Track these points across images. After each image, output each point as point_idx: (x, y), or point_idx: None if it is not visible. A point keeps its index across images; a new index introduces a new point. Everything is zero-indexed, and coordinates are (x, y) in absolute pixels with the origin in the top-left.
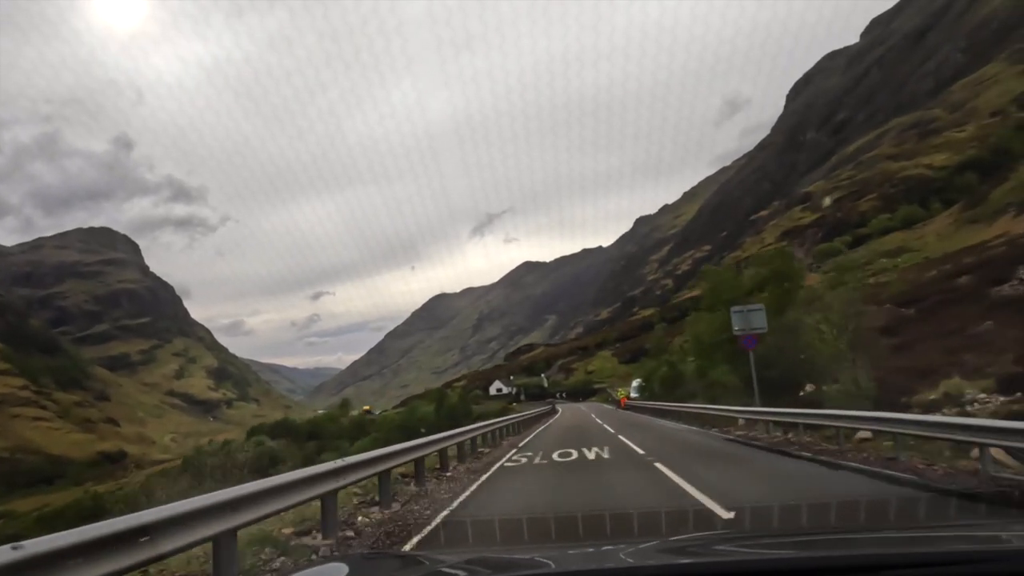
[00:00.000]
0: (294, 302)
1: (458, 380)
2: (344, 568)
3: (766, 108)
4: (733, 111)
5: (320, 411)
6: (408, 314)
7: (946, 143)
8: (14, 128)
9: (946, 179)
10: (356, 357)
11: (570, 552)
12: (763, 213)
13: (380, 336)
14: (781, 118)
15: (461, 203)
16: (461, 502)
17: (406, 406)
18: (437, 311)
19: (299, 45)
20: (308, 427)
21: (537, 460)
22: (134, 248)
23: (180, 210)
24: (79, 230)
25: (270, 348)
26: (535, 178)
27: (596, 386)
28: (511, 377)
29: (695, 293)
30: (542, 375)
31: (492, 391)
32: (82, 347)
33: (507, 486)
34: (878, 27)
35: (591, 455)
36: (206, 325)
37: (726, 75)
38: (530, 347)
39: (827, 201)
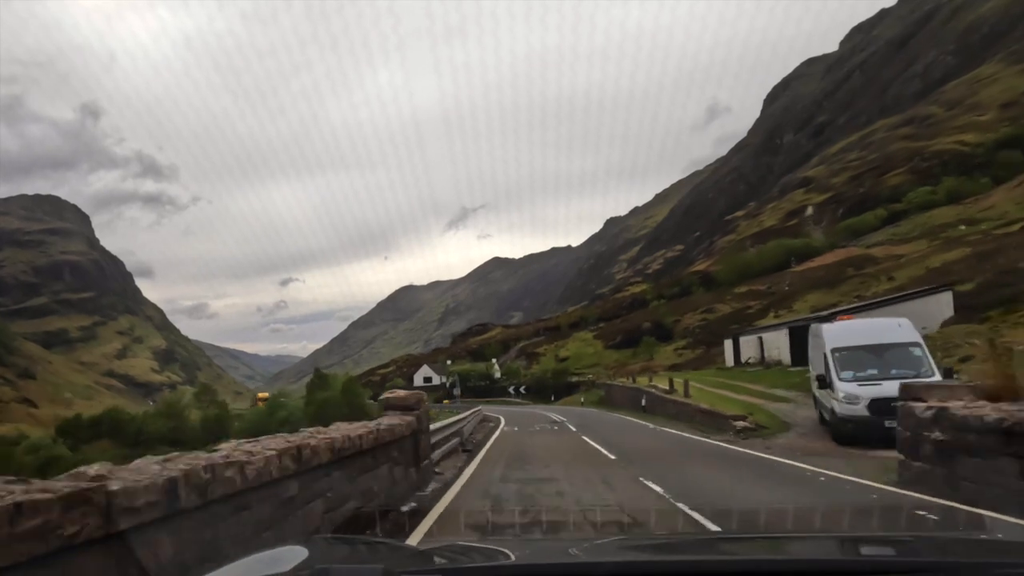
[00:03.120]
0: (262, 287)
1: (386, 366)
2: (304, 551)
3: (742, 116)
4: (710, 118)
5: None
6: (374, 304)
7: (970, 124)
8: None
9: (985, 155)
10: (320, 346)
11: (536, 544)
12: (739, 213)
13: (346, 326)
14: (758, 122)
15: (437, 196)
16: None
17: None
18: (402, 303)
19: (281, 22)
20: (139, 424)
21: None
22: (83, 219)
23: (149, 186)
24: (23, 196)
25: (233, 333)
26: (511, 175)
27: (575, 379)
28: (448, 362)
29: (703, 267)
30: (493, 360)
31: (418, 381)
32: (15, 320)
33: None
34: (859, 35)
35: None
36: (168, 306)
37: (705, 83)
38: (483, 327)
39: (810, 210)
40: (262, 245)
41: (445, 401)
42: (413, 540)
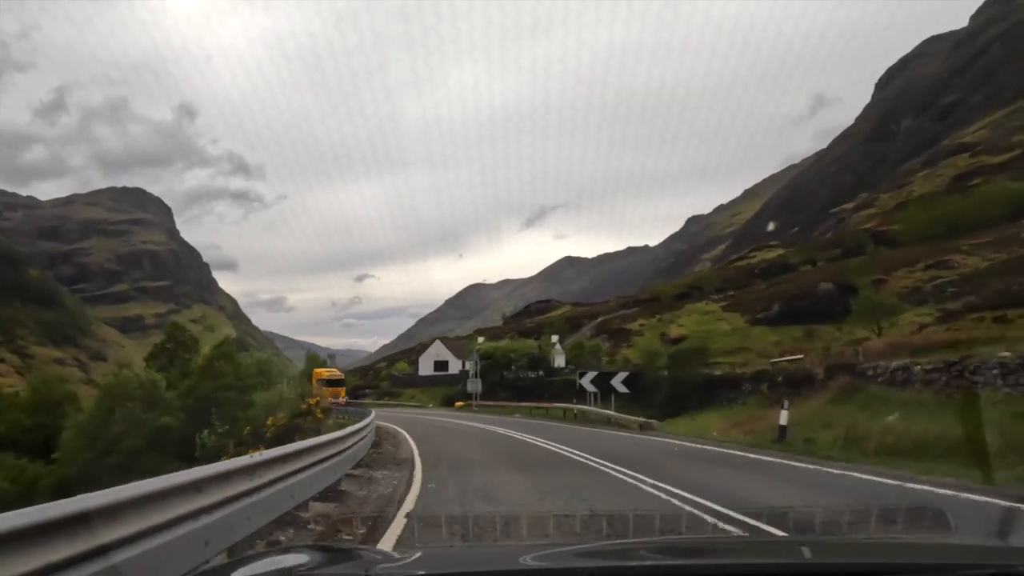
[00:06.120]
0: (337, 282)
1: (412, 349)
2: (285, 559)
3: (848, 106)
4: (814, 109)
5: None
6: (442, 301)
7: None
8: (84, 91)
9: None
10: (388, 341)
11: (521, 551)
12: (847, 205)
13: (414, 322)
14: (867, 107)
15: (515, 195)
16: None
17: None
18: (470, 300)
19: (363, 22)
20: None
21: None
22: (166, 211)
23: (238, 184)
24: (112, 189)
25: (307, 326)
26: (591, 174)
27: (715, 371)
28: (480, 339)
29: (871, 225)
30: (552, 338)
31: (425, 367)
32: (97, 305)
33: None
34: (994, 6)
35: None
36: (249, 298)
37: (801, 74)
38: (545, 303)
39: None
40: (339, 241)
41: (457, 404)
42: (386, 545)
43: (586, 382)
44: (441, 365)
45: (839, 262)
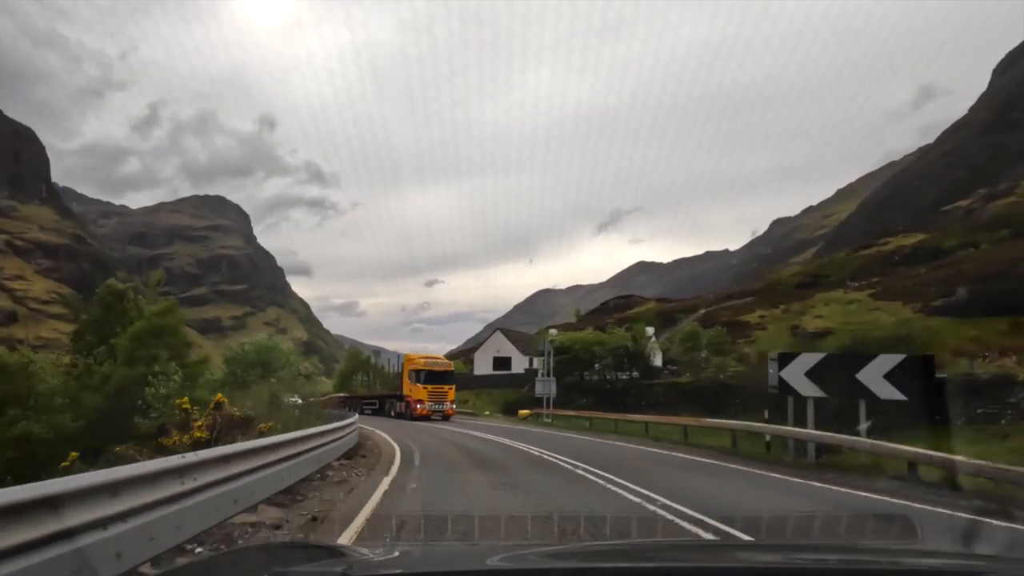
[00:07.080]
0: (408, 288)
1: (472, 348)
2: (262, 555)
3: (959, 98)
4: (919, 103)
5: None
6: (511, 307)
7: None
8: (175, 106)
9: None
10: (456, 346)
11: (500, 551)
12: (962, 203)
13: (481, 327)
14: (983, 96)
15: (589, 199)
16: None
17: None
18: (539, 306)
19: (437, 29)
20: None
21: None
22: (244, 217)
23: (314, 192)
24: (195, 197)
25: (377, 331)
26: (669, 177)
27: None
28: (553, 331)
29: None
30: (647, 329)
31: (482, 365)
32: (180, 308)
33: None
34: None
35: None
36: (322, 303)
37: (905, 65)
38: (626, 299)
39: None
40: (411, 248)
41: (522, 413)
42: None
43: (795, 375)
44: (502, 363)
45: (1013, 242)
